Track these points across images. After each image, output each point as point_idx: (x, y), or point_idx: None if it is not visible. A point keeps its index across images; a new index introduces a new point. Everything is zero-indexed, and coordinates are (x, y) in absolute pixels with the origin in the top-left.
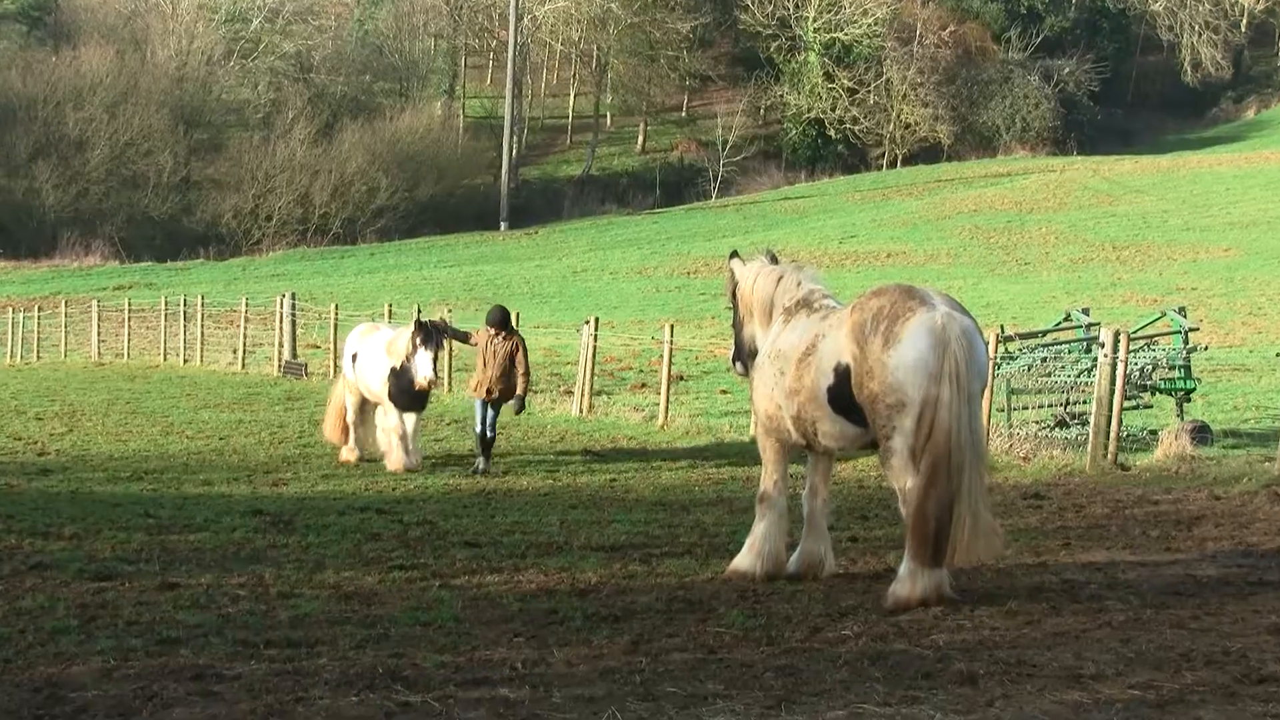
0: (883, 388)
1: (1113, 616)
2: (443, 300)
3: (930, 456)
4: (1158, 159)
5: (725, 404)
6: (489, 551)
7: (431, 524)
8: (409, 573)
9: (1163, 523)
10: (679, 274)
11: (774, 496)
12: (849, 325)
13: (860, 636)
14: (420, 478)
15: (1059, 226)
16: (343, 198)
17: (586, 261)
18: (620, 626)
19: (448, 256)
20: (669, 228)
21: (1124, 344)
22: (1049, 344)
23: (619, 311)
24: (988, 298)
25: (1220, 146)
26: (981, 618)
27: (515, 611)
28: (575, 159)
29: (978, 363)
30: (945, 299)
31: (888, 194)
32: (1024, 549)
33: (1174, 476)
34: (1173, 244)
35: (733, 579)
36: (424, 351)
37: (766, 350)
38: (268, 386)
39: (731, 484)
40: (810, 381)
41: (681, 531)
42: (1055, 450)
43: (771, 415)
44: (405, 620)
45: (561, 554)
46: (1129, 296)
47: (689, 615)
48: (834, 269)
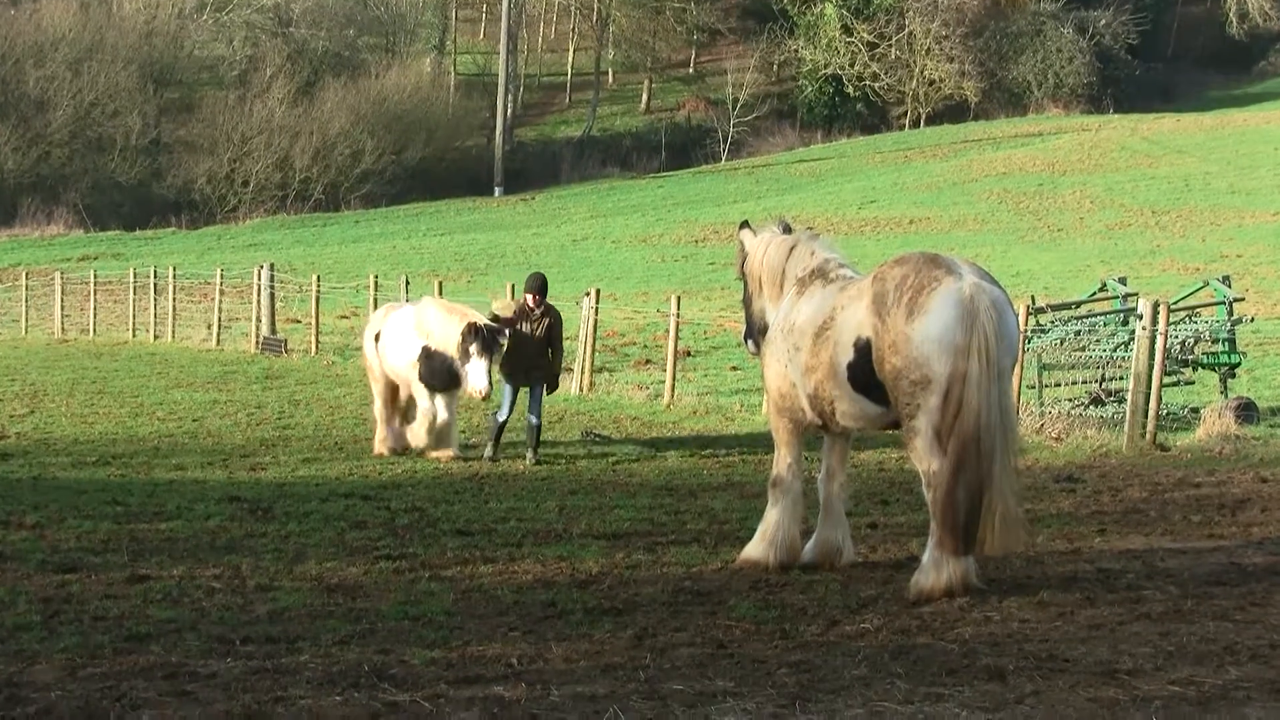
0: (906, 363)
1: (1151, 607)
2: (433, 271)
3: (958, 438)
4: (1201, 117)
5: (735, 381)
6: (482, 540)
7: (421, 511)
8: (396, 563)
9: (1205, 507)
10: (686, 242)
11: (788, 480)
12: (869, 296)
13: (881, 630)
14: (409, 461)
15: (1094, 190)
16: (325, 161)
17: (587, 229)
18: (623, 620)
19: (438, 224)
20: (675, 192)
21: (1164, 316)
22: (1083, 316)
23: (621, 283)
24: (1017, 266)
25: (1269, 103)
26: (1011, 609)
27: (510, 604)
28: (575, 119)
29: (1008, 336)
30: (973, 268)
31: (910, 156)
32: (1056, 536)
33: (1217, 457)
34: (1217, 208)
35: (744, 569)
36: (478, 360)
37: (779, 324)
38: (244, 364)
39: (742, 467)
40: (828, 357)
41: (689, 518)
42: (1090, 430)
43: (785, 394)
44: (393, 614)
45: (560, 542)
46: (1169, 265)
47: (697, 608)
48: (852, 236)
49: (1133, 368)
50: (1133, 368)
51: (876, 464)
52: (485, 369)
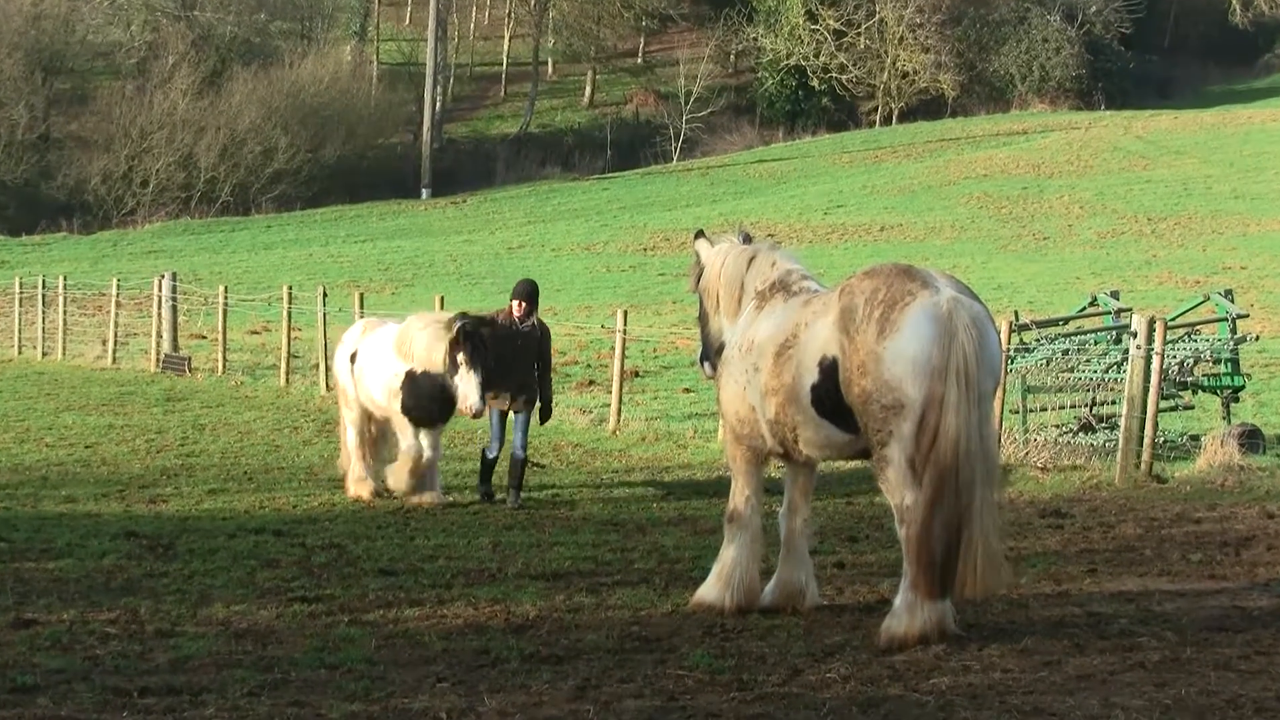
0: (877, 385)
1: (1147, 656)
2: (353, 281)
3: (934, 468)
4: (1201, 114)
5: (688, 405)
6: (407, 580)
7: (339, 548)
8: (312, 606)
9: (1206, 545)
10: (633, 250)
11: (746, 515)
12: (836, 311)
13: (848, 680)
14: (326, 493)
15: (1084, 194)
16: (233, 160)
17: (524, 235)
18: (563, 669)
19: (359, 230)
20: (622, 196)
21: (1160, 333)
22: (1072, 334)
23: (562, 295)
24: (999, 279)
25: (1276, 99)
26: (992, 658)
27: (439, 652)
28: (511, 114)
29: (989, 356)
30: (950, 281)
31: (881, 156)
32: (1042, 576)
33: (1219, 490)
34: (1219, 215)
35: (697, 612)
36: (469, 372)
37: (736, 342)
38: (144, 385)
39: (696, 500)
40: (790, 379)
41: (636, 556)
42: (1079, 459)
43: (743, 419)
44: (308, 662)
45: (494, 583)
46: (1166, 277)
47: (645, 655)
48: (817, 245)
49: (1126, 391)
50: (1126, 391)
51: (844, 497)
52: (478, 382)
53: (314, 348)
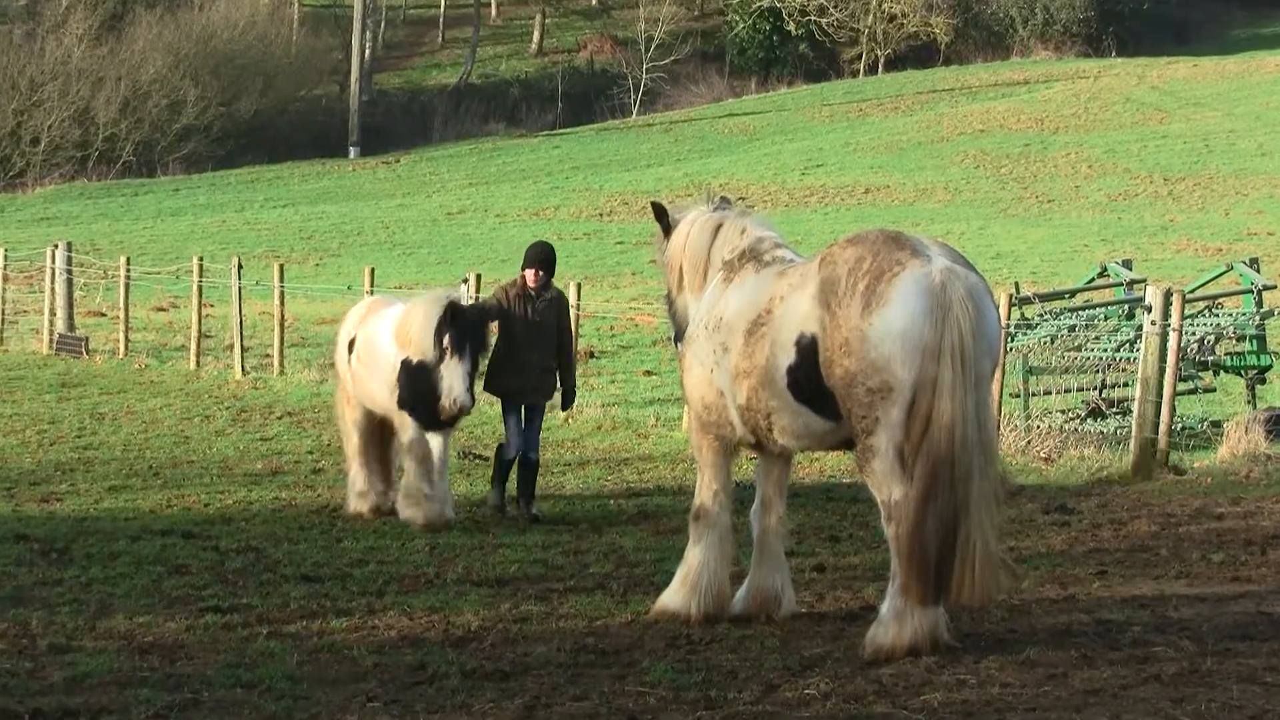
0: (862, 367)
1: (1162, 668)
2: (272, 251)
3: (926, 459)
4: (1223, 61)
5: (650, 389)
6: (334, 588)
7: (257, 551)
8: (227, 617)
9: (1229, 544)
10: (588, 216)
11: (714, 513)
12: (816, 284)
13: (829, 697)
14: (242, 490)
15: (1092, 152)
16: (136, 115)
17: (465, 199)
18: (510, 686)
19: (279, 193)
20: (575, 154)
21: (1177, 307)
22: (1079, 308)
23: (508, 266)
24: (998, 246)
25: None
26: (990, 670)
27: (370, 667)
28: (449, 63)
29: (987, 334)
30: (943, 249)
31: (865, 110)
32: (1046, 579)
33: (1244, 482)
34: (1243, 174)
35: (660, 622)
36: (456, 360)
37: (702, 319)
38: (35, 368)
39: (658, 496)
40: (763, 360)
41: (592, 559)
42: (1088, 449)
43: (710, 405)
44: (222, 680)
45: (431, 590)
46: (1184, 244)
47: (601, 670)
48: (794, 209)
49: (1139, 372)
50: (1139, 372)
51: (824, 491)
52: (465, 373)
53: (228, 326)
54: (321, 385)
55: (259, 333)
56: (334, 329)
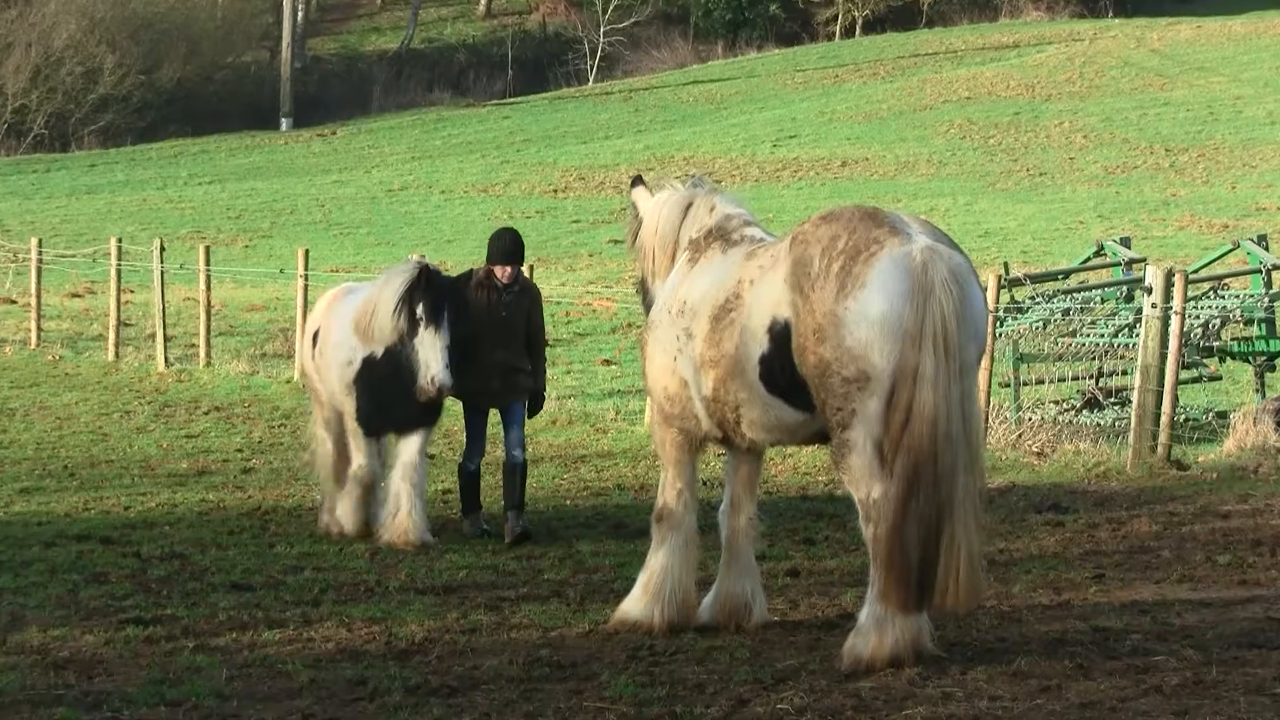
0: (837, 354)
1: (1164, 679)
2: (197, 232)
3: (907, 454)
4: (1229, 22)
5: (609, 380)
6: (266, 597)
7: (182, 558)
8: (150, 629)
9: (1235, 544)
10: (541, 192)
11: (678, 513)
12: (787, 265)
13: (804, 712)
14: (166, 491)
15: (1088, 120)
16: (48, 84)
17: (407, 175)
18: (457, 702)
19: (205, 169)
20: (527, 125)
21: (1180, 289)
22: (1074, 290)
23: (455, 247)
24: (986, 223)
25: None
26: (978, 682)
27: (306, 683)
28: (389, 26)
29: (973, 318)
30: (925, 226)
31: (842, 76)
32: (1039, 584)
33: (1252, 478)
34: (1251, 144)
35: (620, 632)
36: (432, 332)
37: (665, 303)
38: None
39: (618, 496)
40: (731, 348)
41: (546, 565)
42: (1083, 442)
43: (673, 396)
44: (145, 698)
45: (372, 599)
46: (1188, 220)
47: (557, 685)
48: (765, 184)
49: (1139, 359)
50: (1139, 359)
51: (798, 489)
52: (443, 348)
53: (149, 313)
54: (251, 378)
55: (183, 321)
56: (264, 318)
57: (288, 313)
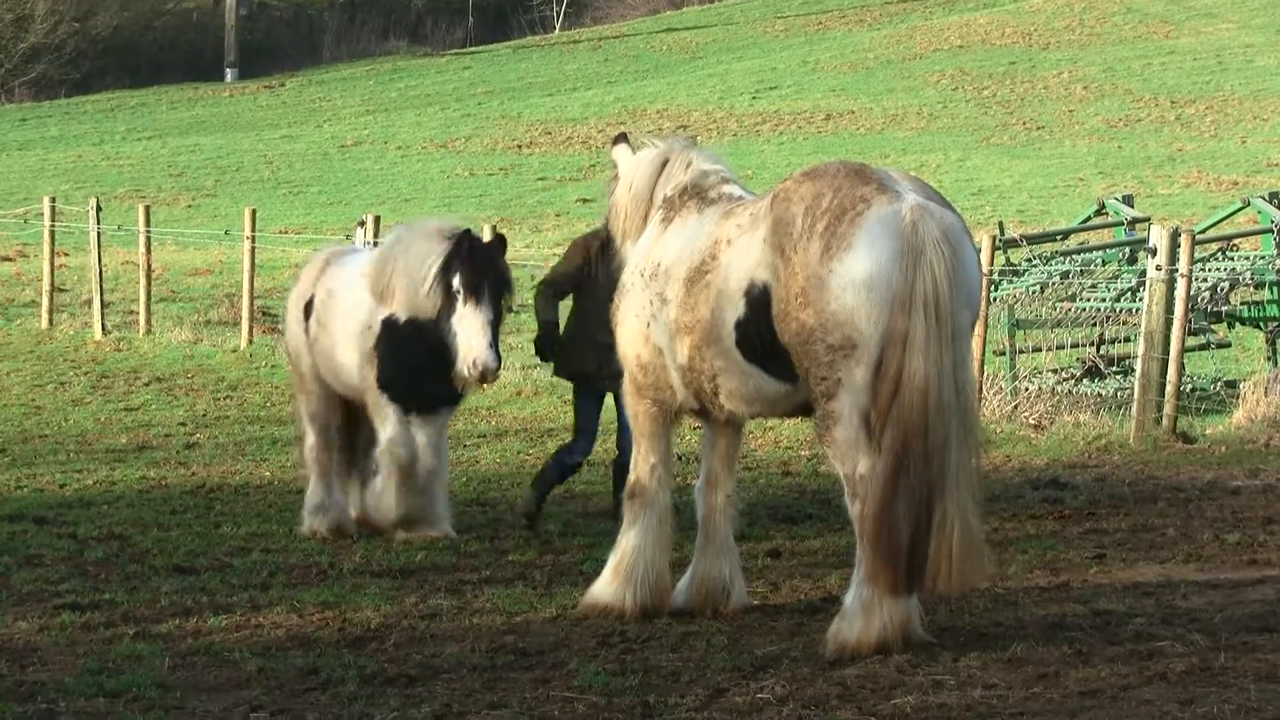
0: (821, 320)
1: (1169, 665)
2: (136, 191)
3: (896, 427)
4: None
5: None
6: (212, 581)
7: (122, 539)
8: (87, 615)
9: (1245, 522)
10: (504, 148)
11: (651, 490)
12: (768, 225)
13: (786, 702)
14: (105, 468)
15: (1088, 71)
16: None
17: (360, 129)
18: (416, 692)
19: (144, 123)
20: (489, 76)
21: (1186, 250)
22: (1073, 251)
23: (413, 206)
24: (980, 181)
25: None
26: (971, 670)
27: (254, 672)
28: None
29: (966, 282)
30: (915, 183)
31: (826, 22)
32: (1036, 565)
33: (1263, 451)
34: (1261, 95)
35: (590, 617)
36: (473, 308)
37: (637, 265)
38: None
39: (588, 471)
40: (707, 313)
41: (510, 545)
42: (1083, 414)
43: (646, 365)
44: (82, 689)
45: (325, 583)
46: (1195, 177)
47: (522, 674)
48: (744, 138)
49: (1143, 324)
50: (1143, 324)
51: (780, 465)
52: (486, 325)
53: (86, 278)
54: (195, 347)
55: (122, 286)
56: (209, 282)
57: (233, 277)
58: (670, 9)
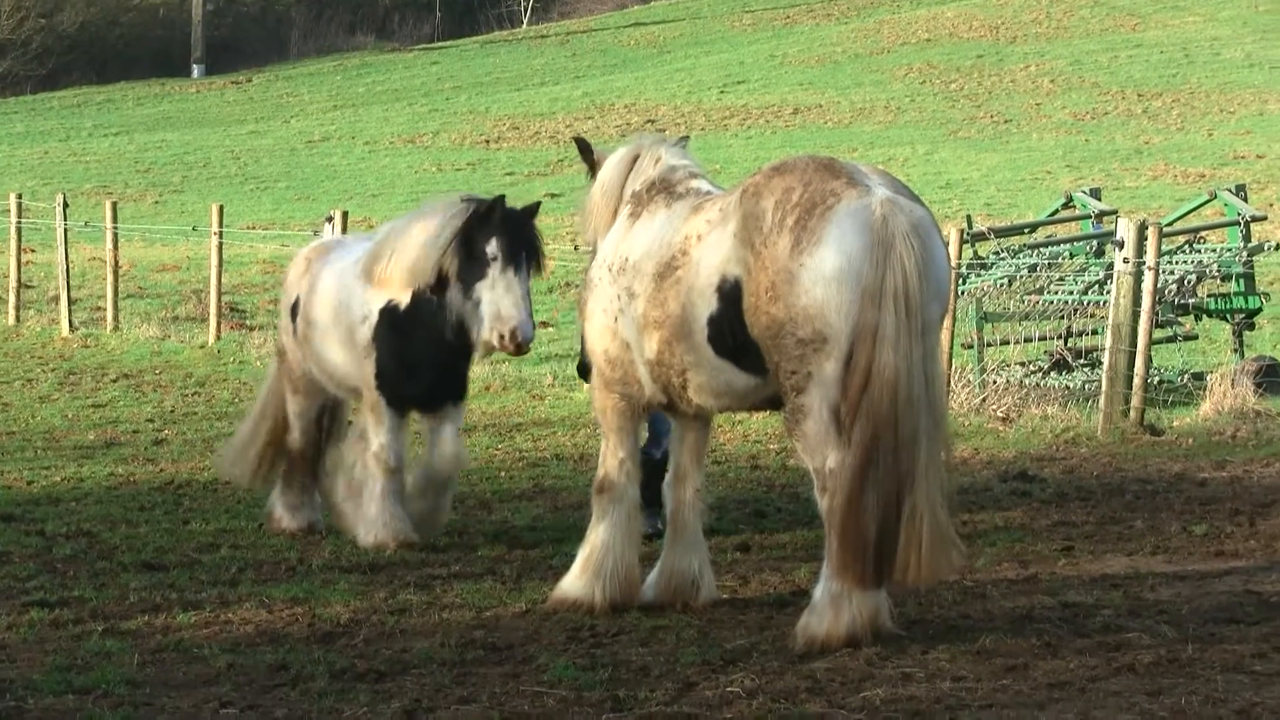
0: (791, 314)
1: (1137, 657)
2: (103, 187)
3: (866, 420)
4: None
5: (546, 343)
6: (181, 577)
7: (91, 536)
8: (56, 612)
9: (1213, 513)
10: (472, 143)
11: (620, 485)
12: (738, 219)
13: (755, 695)
14: (72, 465)
15: (1055, 64)
16: None
17: (328, 125)
18: (385, 688)
19: (111, 119)
20: (456, 71)
21: (1154, 242)
22: (1041, 244)
23: (380, 201)
24: (948, 174)
25: None
26: (940, 662)
27: (223, 668)
28: None
29: (935, 275)
30: (883, 177)
31: (794, 16)
32: (1004, 557)
33: (1229, 443)
34: (1228, 88)
35: (559, 611)
36: (511, 274)
37: (605, 260)
38: None
39: (556, 466)
40: (677, 308)
41: (479, 541)
42: (1051, 406)
43: (615, 360)
44: (51, 686)
45: (295, 579)
46: (1161, 170)
47: (492, 669)
48: (711, 133)
49: (1110, 317)
50: (1110, 317)
51: (749, 459)
52: (526, 294)
53: (53, 274)
54: (163, 343)
55: (89, 282)
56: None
57: (201, 273)
58: (638, 4)
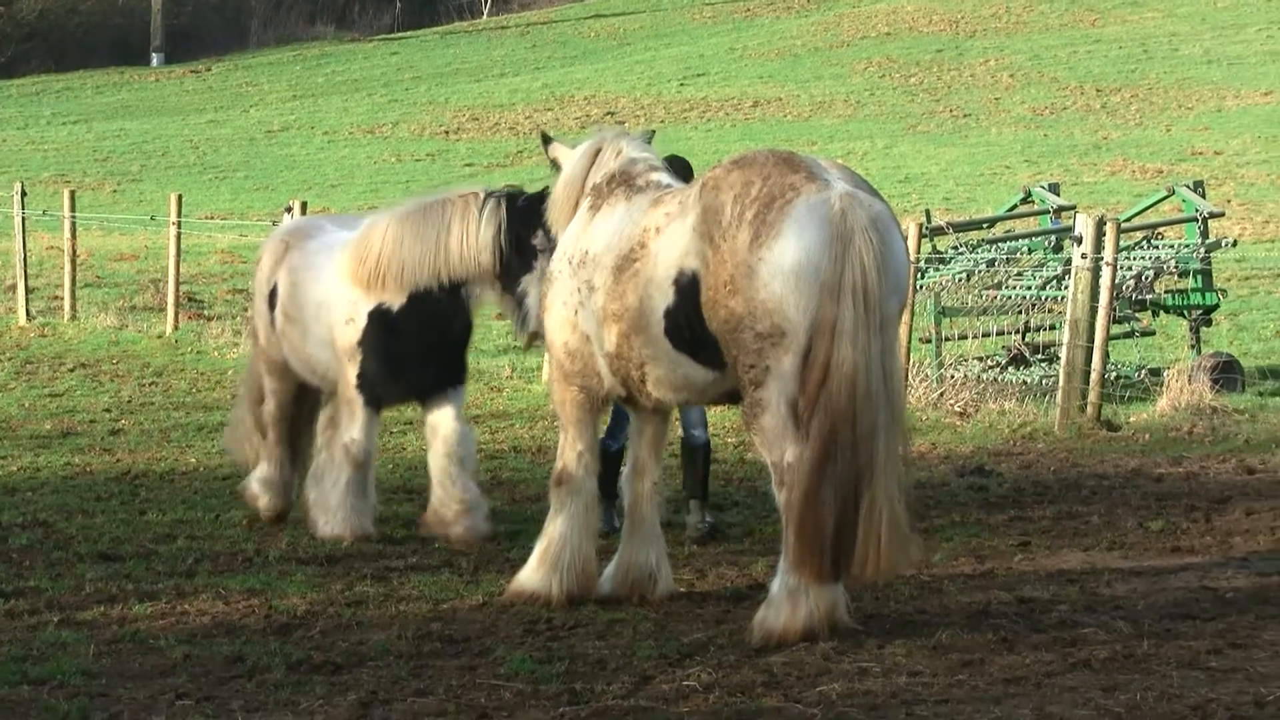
0: (750, 308)
1: (1093, 652)
2: (61, 175)
3: (823, 415)
4: None
5: (504, 335)
6: (137, 568)
7: (46, 526)
8: (11, 602)
9: (1169, 509)
10: (432, 134)
11: (578, 477)
12: (696, 213)
13: (712, 689)
14: (29, 454)
15: (1015, 58)
16: None
17: (288, 115)
18: (342, 680)
19: (69, 107)
20: (416, 62)
21: (1112, 238)
22: (999, 239)
23: (340, 191)
24: (907, 168)
25: None
26: (896, 657)
27: (179, 659)
28: None
29: (894, 270)
30: (843, 171)
31: (754, 10)
32: (961, 552)
33: (1185, 439)
34: (1186, 84)
35: (517, 604)
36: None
37: (565, 253)
38: None
39: (514, 458)
40: (635, 301)
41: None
42: (1008, 401)
43: (573, 352)
44: (5, 676)
45: (251, 570)
46: (1119, 165)
47: (449, 661)
48: (671, 125)
49: (1068, 312)
50: (1068, 312)
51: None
52: None
53: (10, 263)
54: (120, 332)
55: (46, 271)
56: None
57: (159, 262)
58: None
